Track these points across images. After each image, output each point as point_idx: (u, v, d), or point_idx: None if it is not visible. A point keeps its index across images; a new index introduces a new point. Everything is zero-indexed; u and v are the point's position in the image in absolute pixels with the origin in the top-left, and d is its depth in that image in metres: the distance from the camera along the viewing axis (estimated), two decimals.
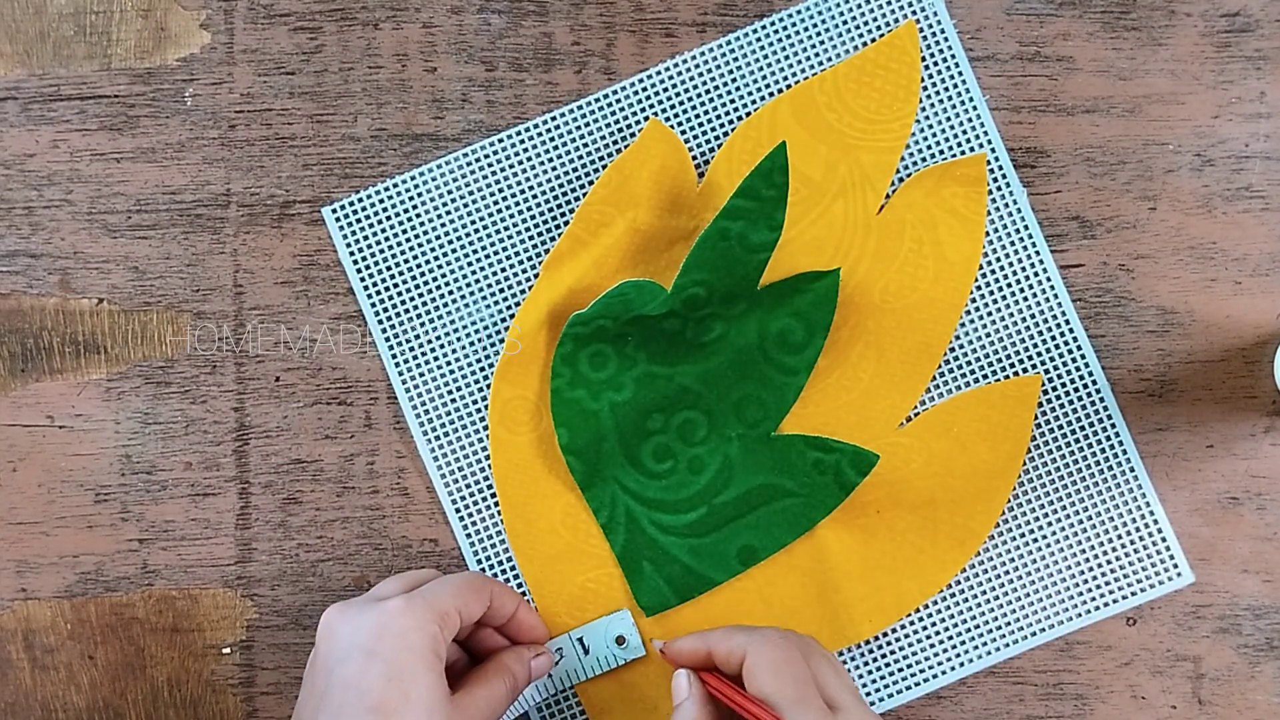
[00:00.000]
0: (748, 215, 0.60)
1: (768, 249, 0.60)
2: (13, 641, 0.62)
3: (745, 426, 0.61)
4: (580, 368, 0.61)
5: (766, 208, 0.60)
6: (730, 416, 0.61)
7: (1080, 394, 0.61)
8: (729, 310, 0.60)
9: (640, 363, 0.61)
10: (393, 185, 0.62)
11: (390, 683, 0.52)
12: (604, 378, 0.61)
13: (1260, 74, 0.62)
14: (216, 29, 0.63)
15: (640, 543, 0.61)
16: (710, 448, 0.61)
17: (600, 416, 0.61)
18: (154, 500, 0.62)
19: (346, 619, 0.54)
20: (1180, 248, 0.62)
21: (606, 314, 0.60)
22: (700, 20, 0.62)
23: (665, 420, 0.61)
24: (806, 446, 0.61)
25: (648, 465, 0.61)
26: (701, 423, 0.61)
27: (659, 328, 0.60)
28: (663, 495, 0.61)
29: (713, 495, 0.61)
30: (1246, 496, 0.61)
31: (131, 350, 0.62)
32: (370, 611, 0.54)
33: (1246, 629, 0.61)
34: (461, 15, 0.62)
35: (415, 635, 0.53)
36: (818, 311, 0.61)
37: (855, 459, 0.60)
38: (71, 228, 0.62)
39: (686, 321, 0.60)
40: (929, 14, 0.62)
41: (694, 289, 0.60)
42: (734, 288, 0.60)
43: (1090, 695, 0.61)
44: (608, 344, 0.61)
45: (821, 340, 0.61)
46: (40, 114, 0.62)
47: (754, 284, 0.60)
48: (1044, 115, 0.62)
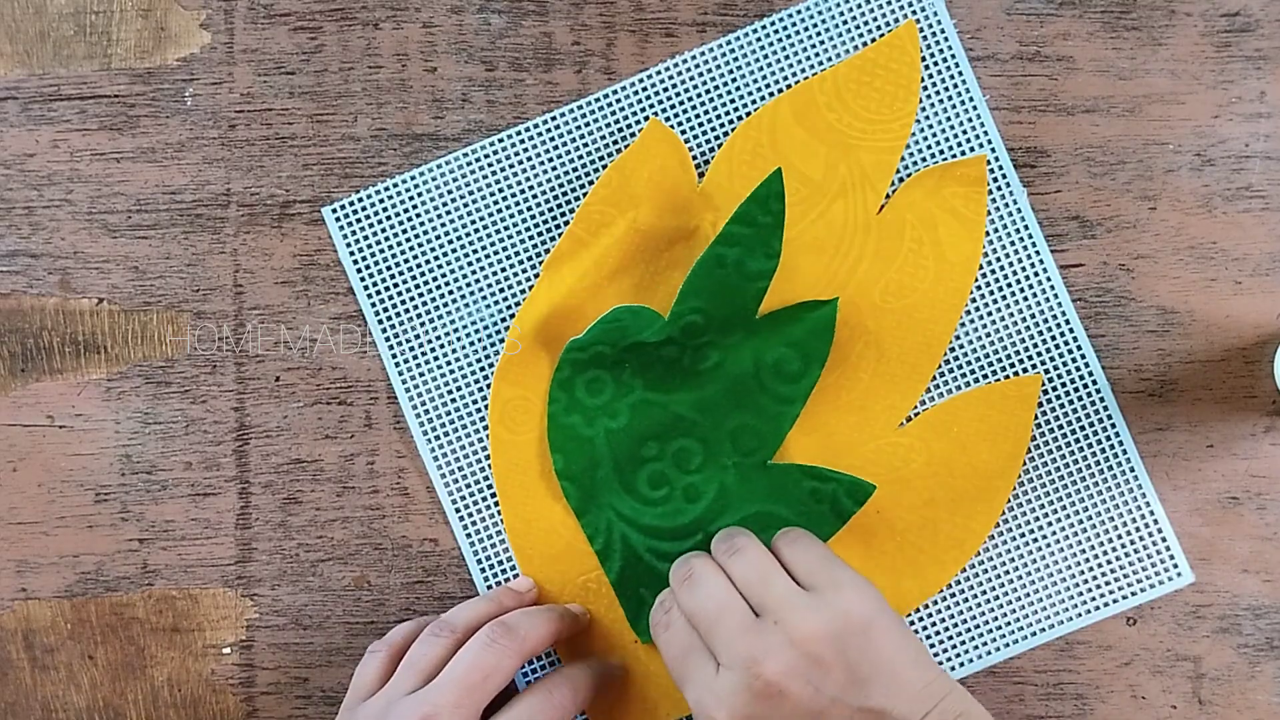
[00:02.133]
0: (744, 242, 0.60)
1: (766, 277, 0.60)
2: (13, 641, 0.62)
3: (740, 455, 0.61)
4: (576, 393, 0.61)
5: (763, 234, 0.60)
6: (726, 444, 0.61)
7: (1080, 394, 0.61)
8: (725, 339, 0.61)
9: (636, 389, 0.61)
10: (393, 185, 0.62)
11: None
12: (599, 404, 0.61)
13: (1260, 74, 0.62)
14: (216, 29, 0.63)
15: (637, 570, 0.61)
16: (706, 475, 0.61)
17: (595, 443, 0.61)
18: (154, 500, 0.62)
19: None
20: (1180, 248, 0.62)
21: (603, 340, 0.60)
22: (700, 20, 0.62)
23: (660, 448, 0.61)
24: (803, 475, 0.60)
25: (643, 492, 0.61)
26: (697, 450, 0.61)
27: (656, 354, 0.61)
28: (659, 522, 0.61)
29: (709, 523, 0.61)
30: (1246, 496, 0.61)
31: (131, 350, 0.62)
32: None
33: (1246, 629, 0.61)
34: (461, 15, 0.62)
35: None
36: (815, 342, 0.61)
37: (852, 489, 0.60)
38: (71, 228, 0.62)
39: (684, 349, 0.61)
40: (929, 14, 0.62)
41: (692, 316, 0.60)
42: (732, 316, 0.60)
43: (1090, 695, 0.61)
44: (605, 370, 0.61)
45: (818, 371, 0.61)
46: (40, 114, 0.62)
47: (752, 313, 0.60)
48: (1044, 115, 0.62)
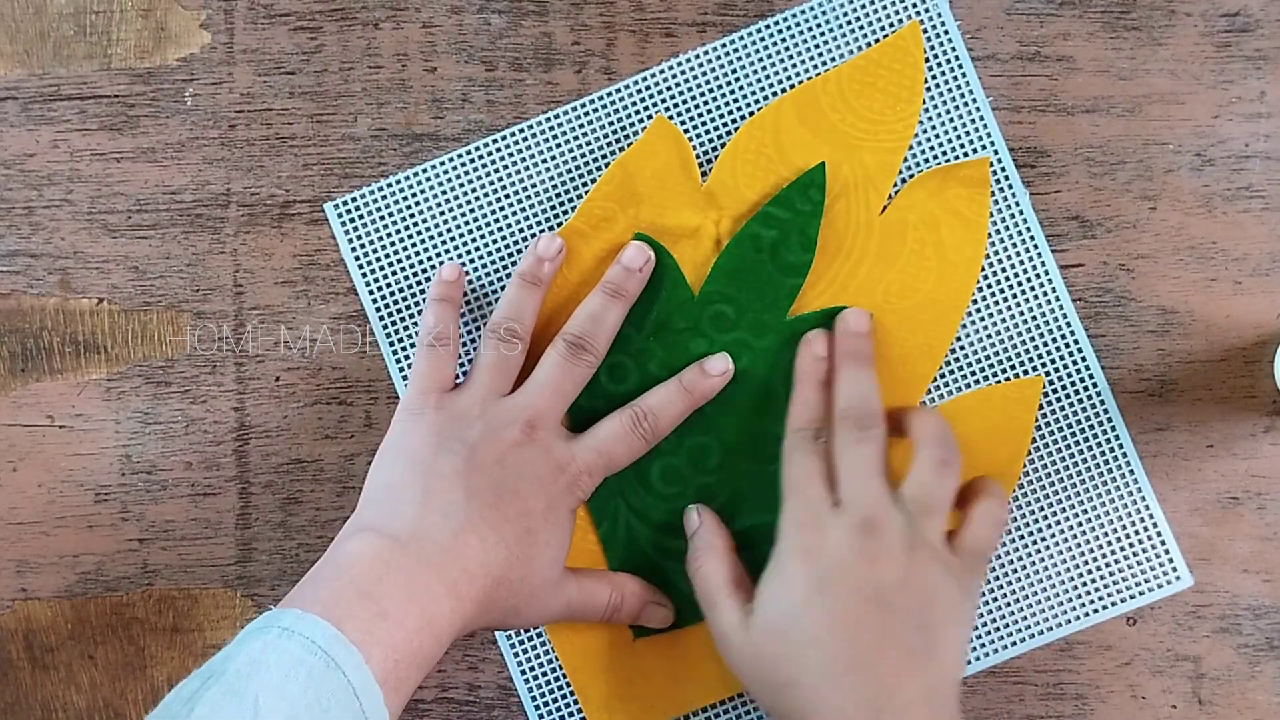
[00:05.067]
0: (781, 226, 0.60)
1: (800, 274, 0.60)
2: (13, 641, 0.62)
3: (757, 462, 0.60)
4: (600, 379, 0.60)
5: (800, 221, 0.60)
6: (745, 449, 0.60)
7: (1080, 394, 0.61)
8: (758, 340, 0.60)
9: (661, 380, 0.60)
10: (394, 183, 0.62)
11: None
12: (623, 392, 0.60)
13: (1260, 74, 0.62)
14: (216, 29, 0.62)
15: (637, 562, 0.61)
16: (720, 478, 0.61)
17: None
18: (154, 500, 0.62)
19: None
20: (1180, 247, 0.62)
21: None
22: (700, 20, 0.62)
23: (678, 442, 0.61)
24: None
25: (655, 485, 0.61)
26: (715, 450, 0.61)
27: (685, 348, 0.60)
28: (668, 518, 0.61)
29: None
30: (1246, 496, 0.61)
31: (131, 350, 0.62)
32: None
33: (1246, 629, 0.61)
34: (461, 15, 0.62)
35: None
36: None
37: None
38: (71, 228, 0.62)
39: (714, 344, 0.60)
40: (932, 15, 0.62)
41: (721, 304, 0.60)
42: (764, 313, 0.60)
43: (1090, 695, 0.61)
44: (629, 358, 0.61)
45: None
46: (40, 114, 0.62)
47: (784, 311, 0.60)
48: (1044, 115, 0.62)
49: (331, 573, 0.52)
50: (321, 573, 0.52)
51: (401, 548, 0.52)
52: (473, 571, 0.53)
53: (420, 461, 0.56)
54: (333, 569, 0.52)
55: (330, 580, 0.51)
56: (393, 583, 0.51)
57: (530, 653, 0.61)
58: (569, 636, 0.61)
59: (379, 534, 0.53)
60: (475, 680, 0.62)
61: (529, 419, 0.57)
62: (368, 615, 0.50)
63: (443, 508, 0.54)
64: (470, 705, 0.62)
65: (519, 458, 0.56)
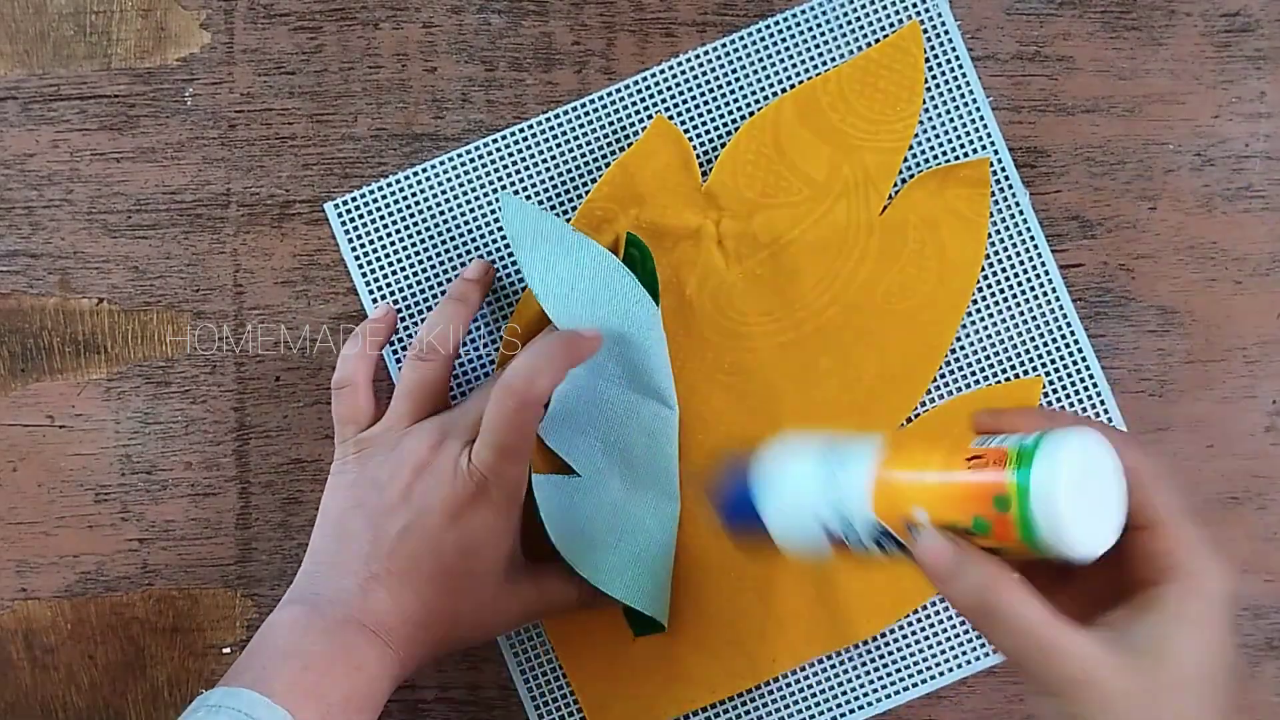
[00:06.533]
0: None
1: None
2: (13, 641, 0.62)
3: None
4: None
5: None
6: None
7: (1080, 394, 0.61)
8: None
9: None
10: (394, 183, 0.62)
11: None
12: None
13: (1260, 74, 0.62)
14: (216, 29, 0.62)
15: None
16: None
17: None
18: (154, 500, 0.62)
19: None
20: (1180, 247, 0.62)
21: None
22: (700, 20, 0.62)
23: None
24: None
25: None
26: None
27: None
28: None
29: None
30: (1246, 496, 0.61)
31: (131, 350, 0.62)
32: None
33: (1246, 629, 0.61)
34: (461, 15, 0.62)
35: None
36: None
37: None
38: (71, 228, 0.62)
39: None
40: (932, 15, 0.62)
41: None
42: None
43: None
44: None
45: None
46: (40, 114, 0.62)
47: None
48: (1044, 115, 0.62)
49: (257, 645, 0.53)
50: (249, 649, 0.53)
51: (319, 611, 0.53)
52: (390, 624, 0.54)
53: (335, 523, 0.56)
54: (259, 642, 0.53)
55: (256, 654, 0.53)
56: (312, 640, 0.52)
57: (530, 653, 0.61)
58: (569, 636, 0.61)
59: (299, 603, 0.54)
60: (475, 680, 0.62)
61: (435, 437, 0.56)
62: (291, 672, 0.51)
63: (352, 568, 0.55)
64: (470, 705, 0.62)
65: (424, 486, 0.55)
